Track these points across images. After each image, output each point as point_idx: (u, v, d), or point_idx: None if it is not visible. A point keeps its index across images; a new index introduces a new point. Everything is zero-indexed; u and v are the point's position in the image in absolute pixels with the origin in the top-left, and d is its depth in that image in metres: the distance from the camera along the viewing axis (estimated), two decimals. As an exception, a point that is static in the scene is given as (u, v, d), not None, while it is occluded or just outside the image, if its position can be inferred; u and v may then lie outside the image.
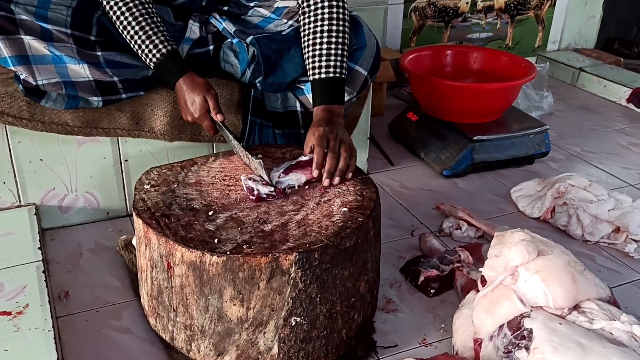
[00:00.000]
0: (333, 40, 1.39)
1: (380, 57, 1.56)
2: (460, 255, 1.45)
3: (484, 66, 2.23)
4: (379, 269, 1.30)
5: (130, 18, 1.35)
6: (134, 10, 1.35)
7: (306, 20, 1.43)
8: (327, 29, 1.40)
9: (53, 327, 1.20)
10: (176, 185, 1.25)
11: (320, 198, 1.21)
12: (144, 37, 1.35)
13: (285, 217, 1.15)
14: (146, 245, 1.15)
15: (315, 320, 1.11)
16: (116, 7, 1.35)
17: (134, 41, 1.36)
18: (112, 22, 1.38)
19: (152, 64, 1.37)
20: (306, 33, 1.42)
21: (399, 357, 1.23)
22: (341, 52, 1.39)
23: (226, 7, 1.58)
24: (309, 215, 1.15)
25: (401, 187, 1.90)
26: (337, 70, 1.38)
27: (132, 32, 1.35)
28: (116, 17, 1.36)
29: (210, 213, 1.15)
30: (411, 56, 2.16)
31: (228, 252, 1.04)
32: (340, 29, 1.41)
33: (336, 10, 1.41)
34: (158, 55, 1.36)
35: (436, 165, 1.99)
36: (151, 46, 1.35)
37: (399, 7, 2.64)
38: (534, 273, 1.14)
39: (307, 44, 1.41)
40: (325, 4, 1.41)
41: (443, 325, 1.32)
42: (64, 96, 1.42)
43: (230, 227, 1.11)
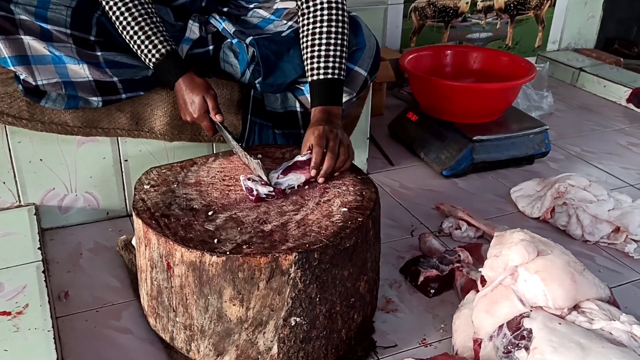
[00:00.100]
0: (332, 41, 1.39)
1: (380, 58, 1.56)
2: (460, 255, 1.45)
3: (484, 66, 2.23)
4: (379, 269, 1.31)
5: (130, 18, 1.35)
6: (133, 10, 1.35)
7: (305, 22, 1.43)
8: (326, 30, 1.40)
9: (53, 327, 1.20)
10: (176, 186, 1.25)
11: (320, 198, 1.21)
12: (143, 37, 1.35)
13: (285, 217, 1.15)
14: (146, 246, 1.15)
15: (314, 321, 1.11)
16: (115, 7, 1.35)
17: (133, 41, 1.36)
18: (112, 22, 1.38)
19: (152, 64, 1.37)
20: (305, 34, 1.42)
21: (398, 357, 1.23)
22: (340, 53, 1.39)
23: (226, 9, 1.58)
24: (309, 216, 1.15)
25: (401, 187, 1.90)
26: (336, 71, 1.38)
27: (132, 32, 1.35)
28: (115, 17, 1.36)
29: (209, 213, 1.15)
30: (411, 56, 2.16)
31: (228, 252, 1.04)
32: (340, 30, 1.41)
33: (335, 12, 1.41)
34: (157, 55, 1.36)
35: (436, 165, 1.99)
36: (150, 46, 1.35)
37: (399, 7, 2.64)
38: (533, 273, 1.14)
39: (305, 45, 1.41)
40: (324, 6, 1.41)
41: (443, 326, 1.32)
42: (64, 96, 1.42)
43: (230, 227, 1.11)
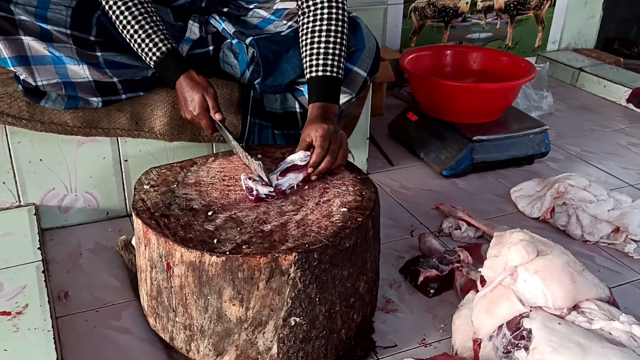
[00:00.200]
0: (331, 39, 1.39)
1: (380, 58, 1.56)
2: (459, 256, 1.45)
3: (484, 66, 2.23)
4: (379, 269, 1.31)
5: (130, 17, 1.34)
6: (134, 9, 1.35)
7: (305, 20, 1.43)
8: (326, 28, 1.39)
9: (52, 327, 1.20)
10: (176, 186, 1.25)
11: (320, 198, 1.21)
12: (143, 36, 1.35)
13: (285, 217, 1.15)
14: (145, 246, 1.15)
15: (314, 321, 1.11)
16: (115, 6, 1.35)
17: (133, 40, 1.36)
18: (112, 22, 1.38)
19: (152, 63, 1.37)
20: (304, 32, 1.42)
21: (398, 357, 1.23)
22: (339, 52, 1.39)
23: (226, 9, 1.58)
24: (309, 216, 1.15)
25: (401, 187, 1.90)
26: (335, 69, 1.38)
27: (132, 31, 1.35)
28: (115, 16, 1.35)
29: (209, 213, 1.15)
30: (411, 56, 2.16)
31: (227, 253, 1.04)
32: (339, 29, 1.40)
33: (335, 11, 1.41)
34: (158, 54, 1.35)
35: (436, 165, 1.99)
36: (151, 44, 1.35)
37: (399, 7, 2.64)
38: (533, 273, 1.14)
39: (305, 42, 1.41)
40: (324, 5, 1.41)
41: (442, 326, 1.32)
42: (64, 96, 1.42)
43: (230, 227, 1.11)
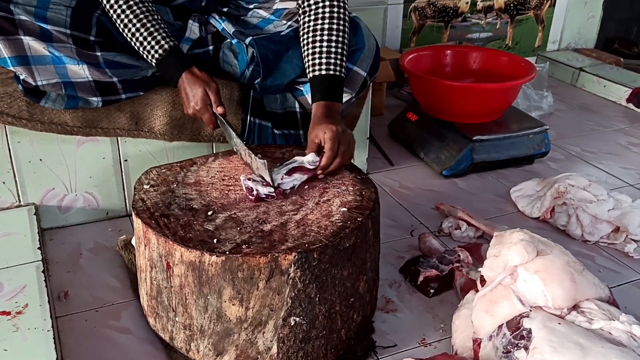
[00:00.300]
0: (333, 38, 1.39)
1: (380, 58, 1.56)
2: (459, 255, 1.45)
3: (484, 66, 2.23)
4: (378, 269, 1.31)
5: (131, 16, 1.34)
6: (135, 8, 1.34)
7: (306, 19, 1.43)
8: (328, 27, 1.39)
9: (52, 327, 1.20)
10: (175, 185, 1.25)
11: (320, 198, 1.21)
12: (145, 34, 1.34)
13: (285, 217, 1.15)
14: (145, 245, 1.15)
15: (314, 320, 1.11)
16: (116, 5, 1.34)
17: (135, 39, 1.35)
18: (112, 22, 1.38)
19: (154, 61, 1.36)
20: (306, 31, 1.42)
21: (398, 357, 1.23)
22: (341, 51, 1.39)
23: (225, 9, 1.58)
24: (308, 215, 1.15)
25: (401, 187, 1.90)
26: (337, 68, 1.38)
27: (134, 30, 1.34)
28: (116, 15, 1.35)
29: (209, 213, 1.15)
30: (411, 56, 2.16)
31: (227, 252, 1.04)
32: (341, 28, 1.41)
33: (337, 10, 1.41)
34: (160, 51, 1.35)
35: (436, 165, 1.99)
36: (153, 42, 1.34)
37: (399, 7, 2.64)
38: (533, 273, 1.14)
39: (306, 41, 1.41)
40: (326, 4, 1.41)
41: (442, 325, 1.32)
42: (64, 96, 1.42)
43: (230, 227, 1.11)
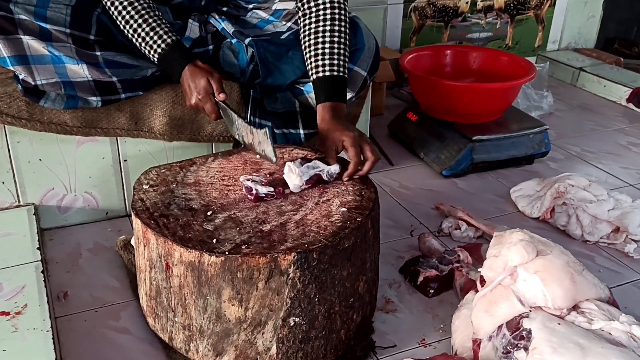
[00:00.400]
0: (336, 39, 1.39)
1: (380, 58, 1.56)
2: (459, 256, 1.45)
3: (484, 66, 2.23)
4: (378, 269, 1.30)
5: (133, 12, 1.34)
6: (136, 4, 1.34)
7: (307, 21, 1.43)
8: (330, 28, 1.40)
9: (52, 327, 1.20)
10: (175, 186, 1.25)
11: (319, 198, 1.21)
12: (147, 29, 1.34)
13: (284, 217, 1.15)
14: (145, 245, 1.15)
15: (313, 321, 1.11)
16: (117, 2, 1.34)
17: (137, 34, 1.35)
18: (113, 19, 1.38)
19: (157, 55, 1.35)
20: (307, 33, 1.42)
21: (397, 358, 1.23)
22: (343, 52, 1.39)
23: (225, 8, 1.58)
24: (308, 216, 1.15)
25: (400, 187, 1.90)
26: (341, 69, 1.38)
27: (135, 25, 1.34)
28: (117, 12, 1.35)
29: (208, 213, 1.15)
30: (411, 56, 2.16)
31: (226, 253, 1.04)
32: (342, 29, 1.41)
33: (338, 12, 1.42)
34: (163, 46, 1.34)
35: (436, 165, 1.98)
36: (155, 37, 1.34)
37: (399, 6, 2.64)
38: (533, 273, 1.14)
39: (308, 43, 1.41)
40: (327, 5, 1.42)
41: (442, 326, 1.32)
42: (63, 96, 1.42)
43: (229, 227, 1.11)
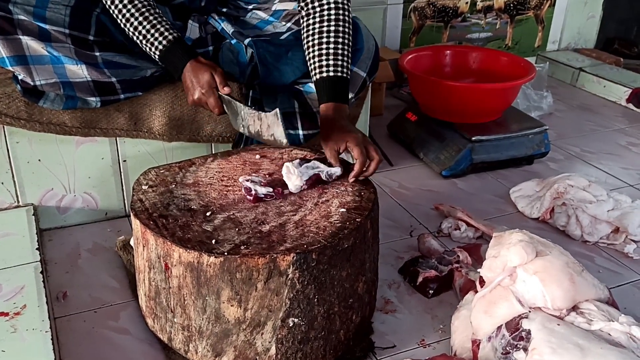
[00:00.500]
0: (340, 40, 1.39)
1: (379, 58, 1.56)
2: (459, 256, 1.45)
3: (484, 66, 2.23)
4: (377, 270, 1.30)
5: (133, 10, 1.34)
6: (136, 2, 1.34)
7: (310, 21, 1.43)
8: (334, 29, 1.40)
9: (51, 327, 1.20)
10: (174, 186, 1.25)
11: (319, 199, 1.21)
12: (148, 27, 1.34)
13: (283, 217, 1.15)
14: (144, 246, 1.14)
15: (313, 321, 1.10)
16: (118, 0, 1.34)
17: (138, 32, 1.34)
18: (112, 20, 1.38)
19: (158, 52, 1.35)
20: (310, 33, 1.42)
21: (397, 358, 1.23)
22: (347, 53, 1.40)
23: (225, 9, 1.58)
24: (307, 216, 1.15)
25: (400, 188, 1.90)
26: (344, 70, 1.38)
27: (136, 23, 1.34)
28: (118, 10, 1.35)
29: (208, 214, 1.15)
30: (410, 56, 2.16)
31: (225, 253, 1.04)
32: (346, 30, 1.41)
33: (342, 12, 1.42)
34: (165, 42, 1.34)
35: (435, 165, 1.98)
36: (157, 34, 1.34)
37: (399, 7, 2.64)
38: (532, 274, 1.13)
39: (311, 43, 1.41)
40: (331, 6, 1.42)
41: (441, 326, 1.32)
42: (62, 96, 1.42)
43: (228, 227, 1.11)
